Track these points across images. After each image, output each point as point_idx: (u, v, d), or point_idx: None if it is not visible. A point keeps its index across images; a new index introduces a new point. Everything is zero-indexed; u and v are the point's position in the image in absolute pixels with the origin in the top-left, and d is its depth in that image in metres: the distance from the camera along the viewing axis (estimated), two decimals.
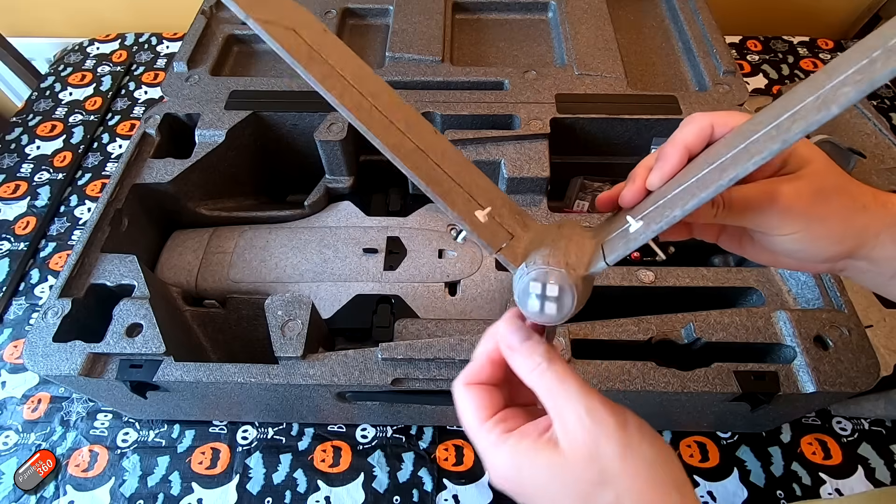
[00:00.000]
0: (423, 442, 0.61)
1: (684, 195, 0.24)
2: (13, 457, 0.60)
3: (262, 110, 0.65)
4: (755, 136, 0.23)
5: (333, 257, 0.60)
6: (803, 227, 0.28)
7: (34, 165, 0.86)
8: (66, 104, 0.95)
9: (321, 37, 0.27)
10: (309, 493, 0.58)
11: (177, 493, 0.58)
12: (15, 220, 0.80)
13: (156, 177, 0.60)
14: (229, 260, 0.61)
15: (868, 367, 0.45)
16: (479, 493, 0.58)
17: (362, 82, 0.27)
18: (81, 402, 0.64)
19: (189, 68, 0.70)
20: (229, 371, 0.47)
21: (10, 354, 0.68)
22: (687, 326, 0.49)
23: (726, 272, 0.54)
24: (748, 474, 0.58)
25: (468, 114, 0.63)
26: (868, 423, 0.61)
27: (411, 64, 0.70)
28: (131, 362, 0.48)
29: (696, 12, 0.75)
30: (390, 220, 0.63)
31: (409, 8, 0.76)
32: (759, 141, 0.22)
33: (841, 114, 0.24)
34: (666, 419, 0.58)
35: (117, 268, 0.53)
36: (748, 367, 0.46)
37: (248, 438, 0.61)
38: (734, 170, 0.22)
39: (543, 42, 0.76)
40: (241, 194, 0.70)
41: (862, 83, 0.18)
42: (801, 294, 0.52)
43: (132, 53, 1.03)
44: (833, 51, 0.99)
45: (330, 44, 0.27)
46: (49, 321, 0.49)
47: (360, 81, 0.27)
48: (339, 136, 0.61)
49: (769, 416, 0.56)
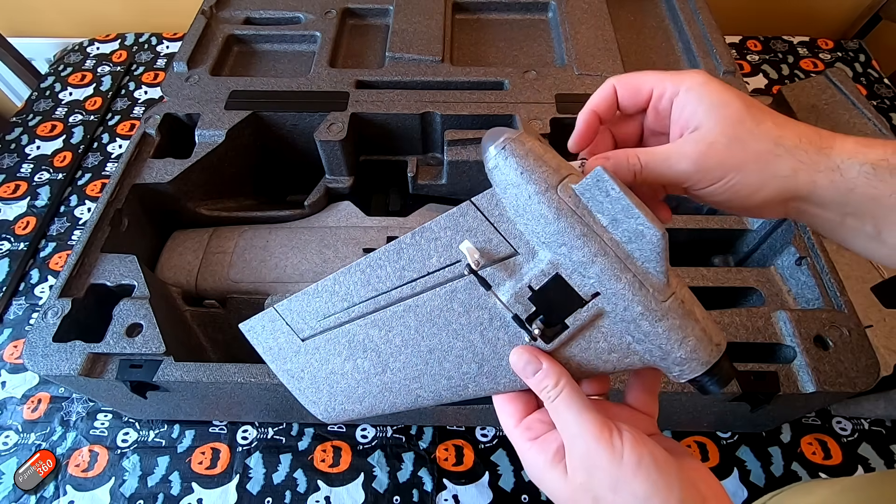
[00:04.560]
0: (423, 442, 0.61)
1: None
2: (13, 457, 0.60)
3: (262, 110, 0.65)
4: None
5: (333, 257, 0.60)
6: (719, 178, 0.28)
7: (34, 165, 0.86)
8: (66, 104, 0.95)
9: None
10: (309, 493, 0.58)
11: (177, 493, 0.58)
12: (15, 220, 0.80)
13: (156, 177, 0.60)
14: (229, 260, 0.61)
15: (868, 367, 0.45)
16: (479, 493, 0.58)
17: None
18: (81, 402, 0.64)
19: (189, 68, 0.70)
20: (229, 371, 0.47)
21: (10, 354, 0.68)
22: None
23: (726, 272, 0.54)
24: (748, 474, 0.58)
25: (468, 114, 0.63)
26: (868, 423, 0.61)
27: (411, 64, 0.70)
28: (131, 362, 0.48)
29: (696, 12, 0.75)
30: (390, 220, 0.63)
31: (409, 8, 0.76)
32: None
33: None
34: (666, 419, 0.58)
35: (117, 268, 0.53)
36: (748, 367, 0.46)
37: (248, 438, 0.61)
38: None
39: (543, 42, 0.76)
40: (241, 194, 0.70)
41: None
42: (801, 294, 0.52)
43: (132, 53, 1.03)
44: (833, 51, 0.99)
45: None
46: (49, 321, 0.49)
47: None
48: (339, 136, 0.61)
49: (769, 416, 0.56)
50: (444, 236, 0.29)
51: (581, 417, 0.26)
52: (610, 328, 0.27)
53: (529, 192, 0.26)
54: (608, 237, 0.26)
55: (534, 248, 0.27)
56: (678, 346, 0.26)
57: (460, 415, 0.59)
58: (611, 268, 0.26)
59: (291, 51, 0.77)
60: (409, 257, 0.29)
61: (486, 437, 0.61)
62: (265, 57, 0.77)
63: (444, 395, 0.30)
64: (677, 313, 0.26)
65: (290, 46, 0.77)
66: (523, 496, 0.57)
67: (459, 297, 0.29)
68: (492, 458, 0.60)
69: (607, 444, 0.26)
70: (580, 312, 0.27)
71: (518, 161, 0.26)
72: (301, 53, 0.77)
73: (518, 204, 0.27)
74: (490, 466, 0.59)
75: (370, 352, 0.31)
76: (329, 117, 0.63)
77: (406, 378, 0.31)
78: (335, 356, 0.32)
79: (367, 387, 0.32)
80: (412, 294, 0.30)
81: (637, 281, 0.25)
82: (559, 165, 0.27)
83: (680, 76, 0.29)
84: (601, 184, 0.25)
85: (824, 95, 0.74)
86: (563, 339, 0.28)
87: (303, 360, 0.33)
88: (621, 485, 0.25)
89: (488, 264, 0.28)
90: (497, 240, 0.28)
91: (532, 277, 0.27)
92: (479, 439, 0.61)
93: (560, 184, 0.26)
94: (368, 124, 0.65)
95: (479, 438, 0.61)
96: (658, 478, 0.25)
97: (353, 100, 0.65)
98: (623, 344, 0.27)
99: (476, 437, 0.61)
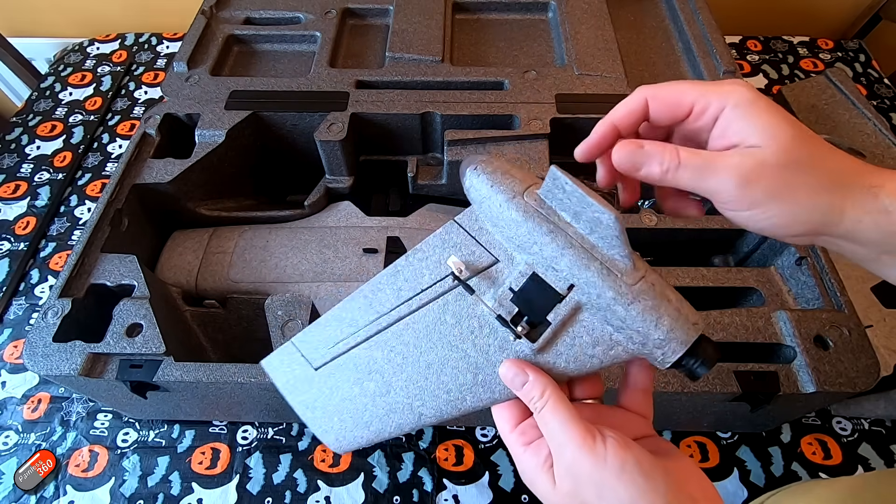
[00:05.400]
0: (423, 442, 0.61)
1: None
2: (13, 457, 0.60)
3: (262, 110, 0.65)
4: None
5: (333, 257, 0.60)
6: (760, 204, 0.26)
7: (34, 165, 0.86)
8: (66, 104, 0.95)
9: None
10: (309, 493, 0.58)
11: (177, 493, 0.58)
12: (15, 220, 0.80)
13: (156, 177, 0.60)
14: (229, 260, 0.61)
15: (868, 367, 0.45)
16: (479, 493, 0.58)
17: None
18: (81, 402, 0.64)
19: (189, 68, 0.70)
20: (229, 371, 0.47)
21: (10, 354, 0.68)
22: None
23: (726, 272, 0.54)
24: (748, 474, 0.58)
25: (468, 114, 0.63)
26: (868, 423, 0.61)
27: (411, 64, 0.70)
28: (131, 362, 0.48)
29: (696, 12, 0.75)
30: (390, 220, 0.63)
31: (409, 8, 0.76)
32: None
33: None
34: (666, 419, 0.58)
35: (117, 268, 0.53)
36: (748, 367, 0.46)
37: (248, 438, 0.61)
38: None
39: (543, 42, 0.76)
40: (241, 194, 0.70)
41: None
42: (801, 294, 0.52)
43: (132, 53, 1.03)
44: (833, 51, 0.99)
45: None
46: (49, 321, 0.49)
47: None
48: (339, 136, 0.61)
49: (769, 416, 0.56)
50: (434, 254, 0.31)
51: (565, 426, 0.27)
52: (590, 321, 0.28)
53: (500, 201, 0.29)
54: (573, 230, 0.28)
55: (511, 254, 0.30)
56: (654, 327, 0.26)
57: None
58: (579, 258, 0.27)
59: (291, 51, 0.77)
60: (404, 277, 0.32)
61: (486, 437, 0.61)
62: (265, 57, 0.77)
63: (444, 409, 0.31)
64: (648, 295, 0.27)
65: (290, 46, 0.77)
66: (523, 496, 0.57)
67: (450, 308, 0.31)
68: (492, 458, 0.60)
69: (590, 450, 0.26)
70: (559, 307, 0.28)
71: (488, 177, 0.30)
72: (301, 53, 0.77)
73: (492, 214, 0.30)
74: (490, 466, 0.59)
75: (375, 373, 0.32)
76: (329, 117, 0.63)
77: (408, 396, 0.32)
78: (344, 381, 0.33)
79: (373, 409, 0.32)
80: (409, 312, 0.31)
81: (605, 268, 0.27)
82: (524, 177, 0.30)
83: (724, 90, 0.27)
84: (557, 181, 0.27)
85: (824, 95, 0.74)
86: (548, 337, 0.29)
87: (316, 389, 0.34)
88: (606, 490, 0.25)
89: (473, 274, 0.30)
90: (479, 251, 0.31)
91: (512, 280, 0.29)
92: (479, 439, 0.61)
93: (525, 191, 0.29)
94: (368, 124, 0.65)
95: (479, 438, 0.61)
96: (643, 482, 0.25)
97: (353, 100, 0.65)
98: (605, 335, 0.28)
99: (476, 437, 0.61)
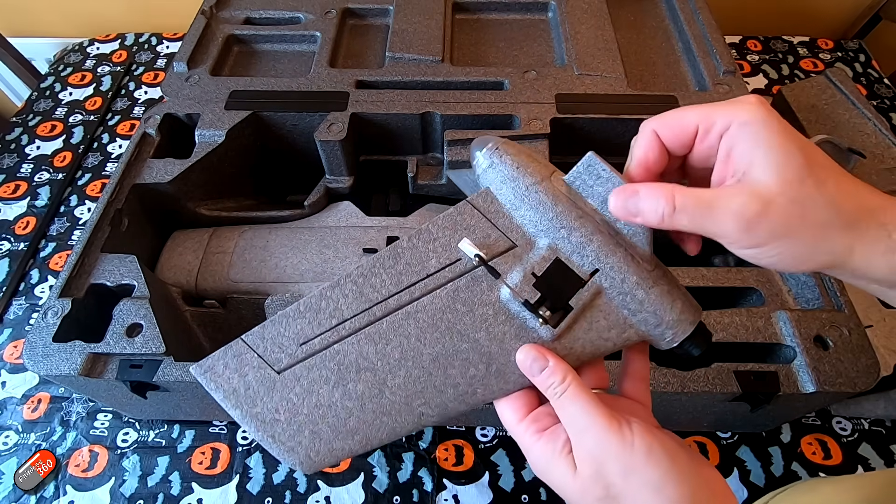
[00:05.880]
0: (423, 442, 0.61)
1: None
2: (13, 457, 0.60)
3: (262, 110, 0.65)
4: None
5: (333, 257, 0.60)
6: (765, 244, 0.24)
7: (34, 165, 0.86)
8: (66, 104, 0.95)
9: None
10: (309, 493, 0.58)
11: (177, 493, 0.58)
12: (15, 220, 0.80)
13: (156, 177, 0.60)
14: (229, 260, 0.61)
15: (868, 367, 0.45)
16: (479, 493, 0.58)
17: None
18: (81, 402, 0.64)
19: (189, 68, 0.70)
20: None
21: (10, 354, 0.68)
22: None
23: (726, 272, 0.54)
24: (748, 474, 0.58)
25: (468, 114, 0.63)
26: (868, 423, 0.61)
27: (411, 64, 0.70)
28: (131, 362, 0.48)
29: (696, 12, 0.75)
30: (390, 220, 0.63)
31: (409, 8, 0.76)
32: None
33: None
34: (666, 419, 0.58)
35: (117, 268, 0.53)
36: (748, 367, 0.46)
37: (249, 438, 0.61)
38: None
39: (543, 42, 0.76)
40: (241, 194, 0.70)
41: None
42: (801, 294, 0.52)
43: (132, 53, 1.03)
44: (833, 51, 0.99)
45: None
46: (49, 321, 0.49)
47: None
48: (339, 136, 0.61)
49: (769, 416, 0.56)
50: (443, 236, 0.29)
51: (588, 411, 0.27)
52: (608, 304, 0.29)
53: (527, 184, 0.29)
54: (599, 217, 0.28)
55: (531, 238, 0.29)
56: (670, 308, 0.28)
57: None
58: (606, 244, 0.28)
59: (291, 51, 0.77)
60: (406, 261, 0.29)
61: (486, 437, 0.61)
62: (265, 57, 0.77)
63: (450, 406, 0.29)
64: (665, 279, 0.29)
65: (290, 46, 0.77)
66: (523, 496, 0.57)
67: (462, 295, 0.29)
68: (492, 458, 0.60)
69: (617, 433, 0.26)
70: (582, 292, 0.28)
71: (513, 158, 0.29)
72: (301, 53, 0.77)
73: (515, 197, 0.29)
74: (490, 466, 0.59)
75: (364, 372, 0.29)
76: (329, 117, 0.63)
77: (407, 395, 0.29)
78: (321, 384, 0.29)
79: (360, 415, 0.29)
80: (411, 300, 0.29)
81: (629, 254, 0.28)
82: (546, 163, 0.30)
83: (731, 107, 0.25)
84: (592, 168, 0.28)
85: (824, 95, 0.74)
86: (569, 322, 0.29)
87: (277, 397, 0.29)
88: (632, 472, 0.25)
89: (490, 258, 0.29)
90: (496, 235, 0.29)
91: (534, 264, 0.29)
92: (479, 439, 0.61)
93: (551, 176, 0.29)
94: (368, 124, 0.65)
95: (479, 438, 0.61)
96: (670, 465, 0.25)
97: (353, 100, 0.65)
98: (620, 319, 0.29)
99: (476, 437, 0.61)
